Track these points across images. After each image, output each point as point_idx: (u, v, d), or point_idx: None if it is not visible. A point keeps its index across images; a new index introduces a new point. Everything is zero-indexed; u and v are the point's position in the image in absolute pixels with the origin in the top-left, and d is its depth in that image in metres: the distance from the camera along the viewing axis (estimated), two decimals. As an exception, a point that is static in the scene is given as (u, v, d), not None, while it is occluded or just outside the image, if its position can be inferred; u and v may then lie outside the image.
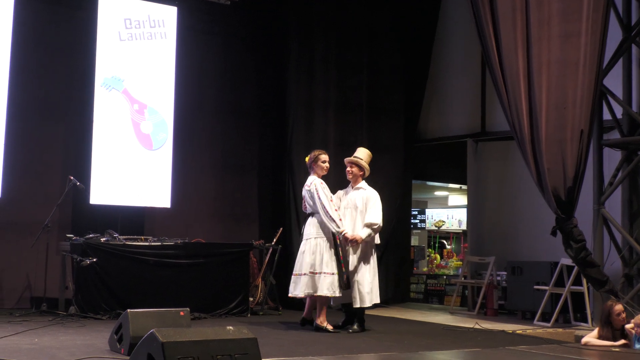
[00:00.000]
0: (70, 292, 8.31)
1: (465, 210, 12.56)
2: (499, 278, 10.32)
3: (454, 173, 13.78)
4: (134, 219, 9.56)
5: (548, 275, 9.31)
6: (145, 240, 8.69)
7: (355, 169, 7.92)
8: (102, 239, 8.41)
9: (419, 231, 16.47)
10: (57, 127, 9.44)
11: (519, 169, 10.15)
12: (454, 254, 14.19)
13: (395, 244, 11.31)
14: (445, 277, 12.29)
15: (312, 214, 7.61)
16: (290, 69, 10.62)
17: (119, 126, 9.30)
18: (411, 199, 12.44)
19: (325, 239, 7.48)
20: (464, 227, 14.68)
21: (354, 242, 7.57)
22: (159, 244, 8.67)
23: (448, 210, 16.68)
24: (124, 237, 8.60)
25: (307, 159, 7.81)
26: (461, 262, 12.60)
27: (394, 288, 11.31)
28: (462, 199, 16.50)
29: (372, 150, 10.80)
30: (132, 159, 9.38)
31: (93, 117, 9.10)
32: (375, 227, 7.72)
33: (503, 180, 10.83)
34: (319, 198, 7.49)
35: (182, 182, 10.03)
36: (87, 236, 8.38)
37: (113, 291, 8.28)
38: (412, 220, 14.51)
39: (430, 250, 15.16)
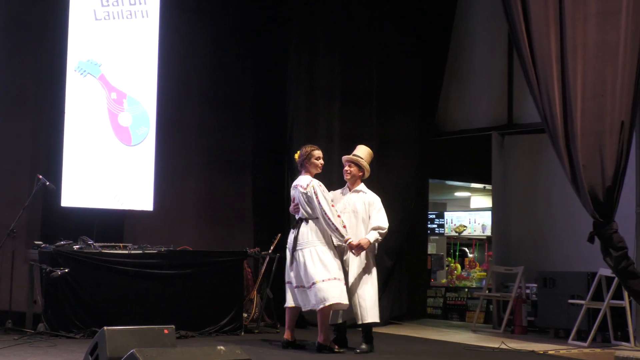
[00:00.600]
0: (39, 307, 8.30)
1: (489, 213, 12.54)
2: (528, 291, 10.30)
3: (476, 171, 13.76)
4: (111, 224, 9.56)
5: (584, 288, 9.29)
6: (125, 248, 8.69)
7: (354, 169, 7.93)
8: (75, 247, 8.41)
9: (437, 237, 16.44)
10: (25, 119, 9.44)
11: (551, 166, 10.12)
12: (477, 263, 14.17)
13: (410, 253, 11.32)
14: (466, 289, 12.27)
15: (306, 220, 7.59)
16: (290, 53, 10.61)
17: (94, 118, 9.30)
18: (428, 201, 12.43)
19: (325, 243, 7.50)
20: (488, 232, 14.65)
21: (360, 249, 7.55)
22: (140, 252, 8.67)
23: (470, 213, 16.64)
24: (100, 244, 8.60)
25: (296, 156, 7.81)
26: (485, 273, 12.58)
27: (408, 303, 11.31)
28: (486, 201, 16.47)
29: (383, 145, 10.90)
30: (109, 156, 9.38)
31: (65, 107, 9.10)
32: (384, 231, 7.79)
33: (533, 179, 10.81)
34: (319, 204, 7.49)
35: (166, 182, 10.02)
36: (57, 243, 8.37)
37: (87, 306, 8.27)
38: (429, 225, 14.49)
39: (449, 259, 15.14)
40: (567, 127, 7.94)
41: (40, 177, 8.43)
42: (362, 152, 8.02)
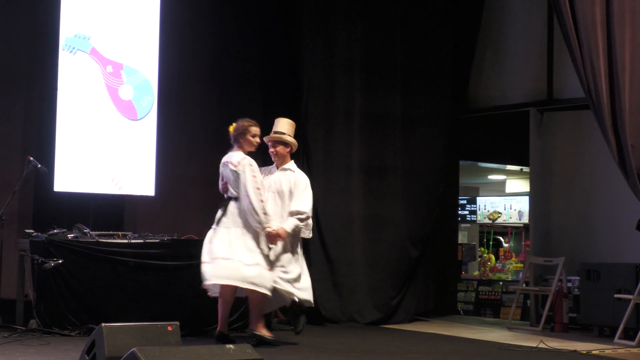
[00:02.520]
0: (31, 301, 8.36)
1: (526, 198, 12.51)
2: (569, 284, 10.29)
3: (512, 152, 13.72)
4: (109, 211, 9.61)
5: (632, 281, 9.27)
6: (124, 237, 8.72)
7: (280, 148, 8.10)
8: (70, 236, 8.45)
9: (469, 225, 16.42)
10: (15, 98, 9.48)
11: (595, 145, 10.08)
12: (513, 254, 14.15)
13: (438, 242, 11.31)
14: (501, 283, 12.26)
15: (235, 198, 7.67)
16: (304, 22, 10.58)
17: (91, 95, 9.31)
18: (458, 185, 12.41)
19: (248, 230, 7.60)
20: (525, 220, 14.62)
21: (278, 238, 7.65)
22: (141, 241, 8.70)
23: (505, 198, 16.60)
24: (97, 233, 8.63)
25: (231, 128, 7.85)
26: (522, 265, 12.56)
27: (436, 297, 11.32)
28: (523, 185, 16.42)
29: (409, 123, 10.89)
30: (109, 135, 9.41)
31: (57, 84, 9.11)
32: (303, 216, 7.85)
33: (575, 161, 10.77)
34: (245, 184, 7.59)
35: (168, 164, 10.05)
36: (50, 232, 8.41)
37: (83, 301, 8.32)
38: (460, 212, 14.47)
39: (482, 249, 15.12)
40: (614, 102, 7.91)
41: (31, 159, 8.46)
42: (284, 126, 8.15)
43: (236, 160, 7.64)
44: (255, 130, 7.87)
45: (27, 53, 9.49)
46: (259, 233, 7.55)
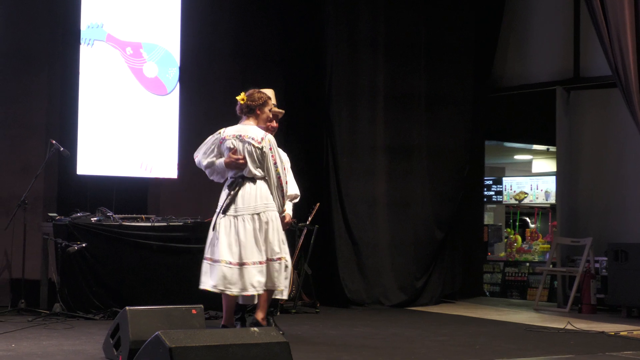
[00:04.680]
0: (55, 285, 8.42)
1: (553, 178, 12.45)
2: (597, 265, 10.25)
3: (539, 131, 13.65)
4: (133, 194, 9.65)
5: (661, 262, 9.25)
6: (147, 220, 8.77)
7: (275, 124, 7.48)
8: (93, 219, 8.50)
9: (495, 206, 16.39)
10: (38, 79, 9.50)
11: (623, 124, 10.02)
12: (540, 234, 14.12)
13: (464, 223, 11.29)
14: (528, 264, 12.23)
15: (253, 179, 6.92)
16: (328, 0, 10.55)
17: (114, 80, 9.34)
18: (484, 166, 12.37)
19: (262, 216, 6.88)
20: (552, 200, 14.58)
21: (287, 225, 7.25)
22: (164, 224, 8.75)
23: (532, 179, 16.55)
24: (120, 216, 8.68)
25: (243, 96, 7.08)
26: (549, 245, 12.52)
27: (462, 279, 11.31)
28: (550, 165, 16.35)
29: (433, 103, 10.86)
30: (137, 115, 9.47)
31: (79, 70, 9.13)
32: (297, 200, 7.61)
33: (603, 140, 10.71)
34: (276, 165, 7.00)
35: (190, 146, 10.02)
36: (73, 215, 8.46)
37: (107, 284, 8.38)
38: (486, 193, 14.44)
39: (509, 230, 15.09)
40: (643, 80, 7.85)
41: (54, 142, 8.51)
42: (274, 98, 7.51)
43: (259, 135, 6.94)
44: (273, 103, 7.32)
45: (49, 36, 9.50)
46: (273, 219, 6.91)
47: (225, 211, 6.84)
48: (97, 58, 9.25)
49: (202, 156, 7.10)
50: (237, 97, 7.13)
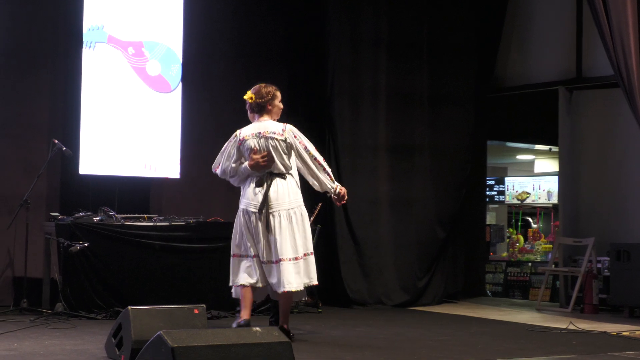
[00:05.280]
0: (57, 285, 8.43)
1: (555, 178, 12.44)
2: (599, 265, 10.25)
3: (541, 131, 13.66)
4: (135, 193, 9.65)
5: (664, 262, 9.24)
6: (149, 219, 8.78)
7: None
8: (95, 219, 8.51)
9: (497, 206, 16.39)
10: (40, 79, 9.52)
11: (625, 124, 10.01)
12: (542, 234, 14.10)
13: (466, 223, 11.29)
14: (530, 264, 12.22)
15: (282, 175, 6.91)
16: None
17: (117, 80, 9.35)
18: (486, 165, 12.37)
19: (296, 211, 6.92)
20: (554, 200, 14.57)
21: (345, 197, 7.20)
22: (167, 224, 8.75)
23: (534, 178, 16.54)
24: (123, 215, 8.69)
25: (251, 96, 7.04)
26: (551, 245, 12.52)
27: (464, 279, 11.31)
28: (552, 165, 16.34)
29: (435, 103, 10.86)
30: (140, 114, 9.47)
31: (81, 69, 9.14)
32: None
33: (605, 140, 10.71)
34: (307, 150, 6.95)
35: (194, 145, 10.05)
36: (76, 215, 8.48)
37: (109, 284, 8.39)
38: (488, 192, 14.43)
39: (511, 230, 15.08)
40: (645, 80, 7.84)
41: (56, 141, 8.53)
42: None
43: (279, 128, 6.92)
44: (280, 95, 7.24)
45: (52, 36, 9.51)
46: (305, 215, 6.98)
47: (260, 210, 6.80)
48: (99, 60, 9.25)
49: (224, 164, 7.03)
50: (245, 97, 7.10)
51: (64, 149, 8.51)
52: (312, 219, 9.56)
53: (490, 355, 6.59)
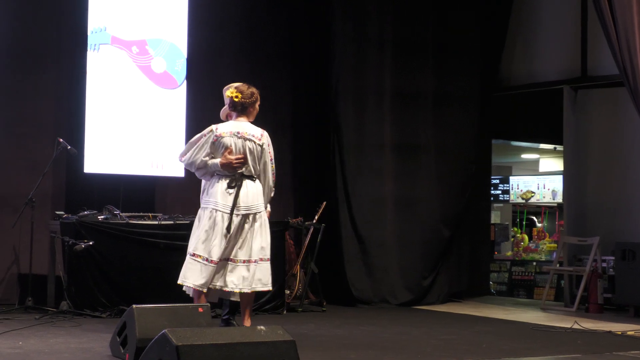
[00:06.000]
0: (62, 283, 8.45)
1: (560, 177, 12.44)
2: (604, 264, 10.24)
3: (546, 130, 13.64)
4: (140, 192, 9.65)
5: (669, 261, 9.23)
6: (154, 218, 8.78)
7: None
8: (100, 217, 8.51)
9: (501, 205, 16.38)
10: (47, 80, 9.52)
11: (630, 123, 10.00)
12: (547, 234, 14.12)
13: (471, 222, 11.28)
14: (535, 263, 12.22)
15: (252, 177, 6.84)
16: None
17: (123, 80, 9.34)
18: (491, 165, 12.36)
19: (262, 214, 6.90)
20: (559, 199, 14.57)
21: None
22: (171, 222, 8.75)
23: (539, 177, 16.54)
24: (127, 214, 8.70)
25: (235, 93, 6.94)
26: (556, 245, 12.52)
27: (469, 278, 11.31)
28: (557, 164, 16.33)
29: (440, 102, 10.86)
30: (146, 113, 9.46)
31: (86, 68, 9.15)
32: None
33: (610, 139, 10.70)
34: (272, 161, 6.96)
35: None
36: (80, 213, 8.49)
37: (114, 282, 8.40)
38: (493, 192, 14.43)
39: (515, 229, 15.09)
40: (650, 79, 7.83)
41: (61, 140, 8.54)
42: None
43: (258, 132, 6.89)
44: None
45: (57, 36, 9.52)
46: (266, 219, 6.93)
47: (232, 212, 6.73)
48: (104, 61, 9.25)
49: (192, 156, 6.89)
50: (229, 94, 6.99)
51: (69, 147, 8.52)
52: (316, 217, 9.60)
53: (495, 355, 6.58)
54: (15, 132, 9.31)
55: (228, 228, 6.71)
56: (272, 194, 7.05)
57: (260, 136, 6.88)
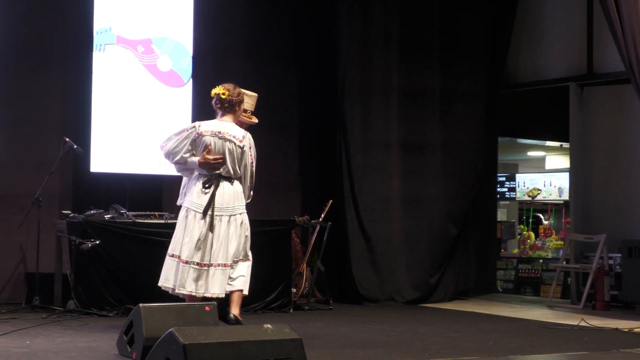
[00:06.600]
0: (69, 282, 8.46)
1: (567, 175, 12.42)
2: (611, 262, 10.23)
3: (552, 127, 13.64)
4: (146, 191, 9.66)
5: (676, 258, 9.23)
6: (160, 217, 8.78)
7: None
8: (106, 216, 8.52)
9: (508, 203, 16.34)
10: (53, 79, 9.54)
11: (637, 120, 10.00)
12: (553, 231, 14.08)
13: (477, 220, 11.28)
14: (541, 261, 12.20)
15: (230, 179, 6.82)
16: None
17: (129, 79, 9.38)
18: (497, 162, 12.35)
19: (240, 216, 6.85)
20: (565, 197, 14.54)
21: None
22: (178, 221, 8.76)
23: (545, 175, 16.50)
24: (134, 213, 8.71)
25: (222, 91, 6.93)
26: (562, 242, 12.49)
27: (476, 276, 11.30)
28: (564, 161, 16.31)
29: (446, 100, 10.85)
30: (150, 110, 9.48)
31: (92, 68, 9.17)
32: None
33: (616, 136, 10.69)
34: (252, 165, 6.92)
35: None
36: (87, 212, 8.50)
37: (121, 281, 8.41)
38: (499, 189, 14.41)
39: (522, 227, 15.06)
40: (656, 76, 7.82)
41: (67, 140, 8.55)
42: (254, 104, 7.40)
43: (240, 134, 6.85)
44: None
45: (63, 36, 9.53)
46: (246, 221, 6.88)
47: (205, 212, 6.71)
48: (110, 61, 9.28)
49: (171, 148, 6.87)
50: (217, 91, 6.98)
51: (75, 147, 8.53)
52: (322, 215, 9.60)
53: (502, 352, 6.58)
54: (22, 132, 9.33)
55: (200, 227, 6.70)
56: (249, 200, 6.99)
57: (242, 138, 6.84)
